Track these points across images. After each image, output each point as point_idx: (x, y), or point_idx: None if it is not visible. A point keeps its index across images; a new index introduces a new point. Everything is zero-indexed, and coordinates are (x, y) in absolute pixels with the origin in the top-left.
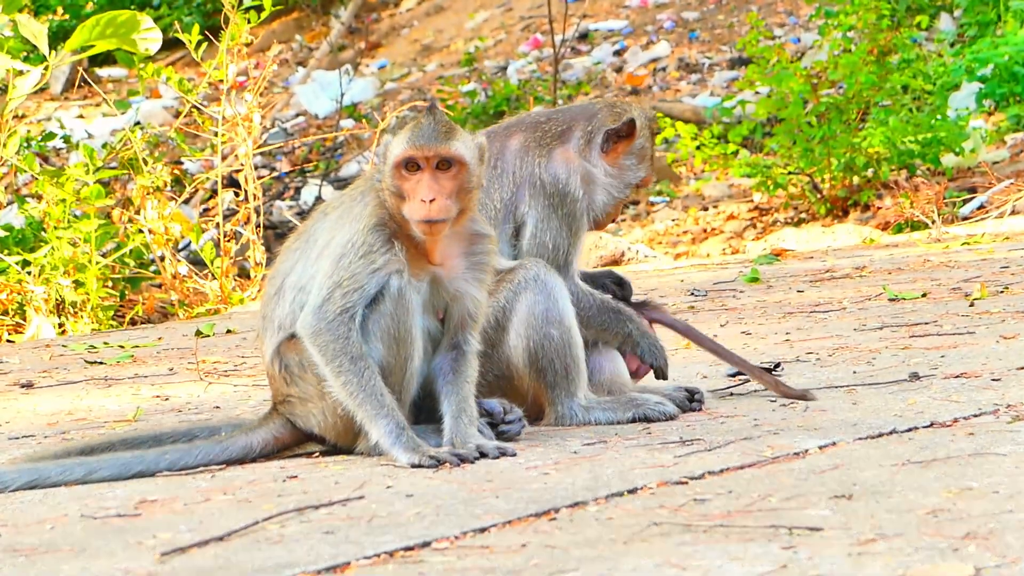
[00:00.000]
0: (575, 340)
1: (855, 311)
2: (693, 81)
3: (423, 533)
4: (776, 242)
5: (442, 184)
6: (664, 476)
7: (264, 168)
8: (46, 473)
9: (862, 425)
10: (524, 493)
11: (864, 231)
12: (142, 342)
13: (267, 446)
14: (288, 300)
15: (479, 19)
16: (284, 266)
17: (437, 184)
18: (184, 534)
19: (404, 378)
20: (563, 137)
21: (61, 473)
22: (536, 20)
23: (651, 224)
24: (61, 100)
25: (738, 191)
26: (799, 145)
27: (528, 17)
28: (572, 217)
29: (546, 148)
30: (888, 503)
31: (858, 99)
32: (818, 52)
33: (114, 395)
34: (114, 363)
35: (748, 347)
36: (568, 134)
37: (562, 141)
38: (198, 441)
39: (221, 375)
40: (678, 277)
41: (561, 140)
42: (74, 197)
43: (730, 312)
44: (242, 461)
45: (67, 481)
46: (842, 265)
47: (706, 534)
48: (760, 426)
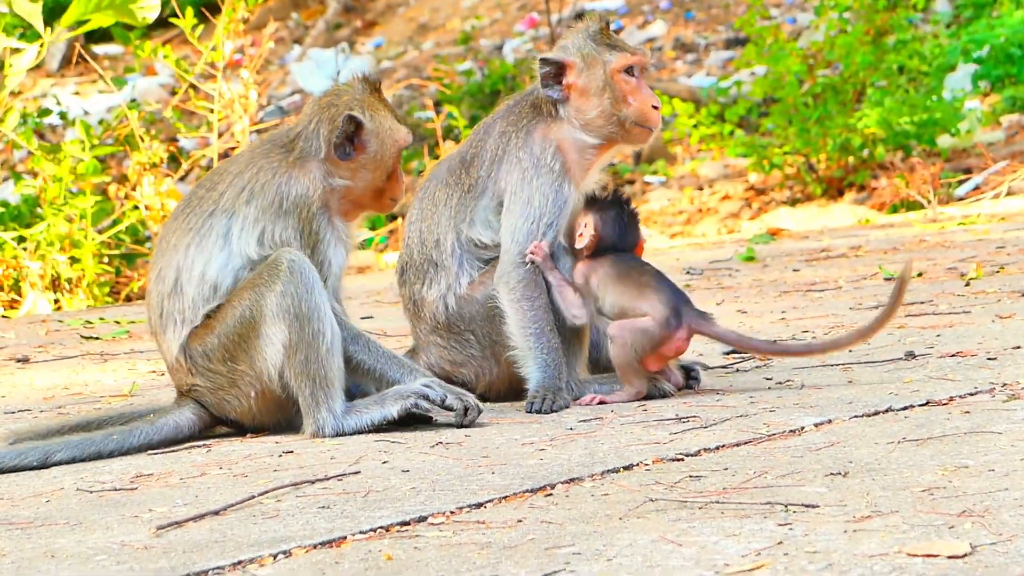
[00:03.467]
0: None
1: (851, 290)
2: (689, 61)
3: (419, 508)
4: (772, 222)
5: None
6: (660, 453)
7: None
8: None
9: (858, 403)
10: (520, 469)
11: (860, 211)
12: (138, 318)
13: (194, 427)
14: (190, 293)
15: None
16: (175, 259)
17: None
18: (180, 508)
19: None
20: (535, 111)
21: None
22: None
23: (646, 204)
24: (57, 77)
25: (734, 171)
26: (795, 125)
27: None
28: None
29: (523, 130)
30: (884, 480)
31: (854, 80)
32: (814, 32)
33: (110, 370)
34: (110, 338)
35: (744, 325)
36: (537, 107)
37: (537, 117)
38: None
39: None
40: (673, 256)
41: (535, 116)
42: (71, 173)
43: (726, 291)
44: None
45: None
46: (838, 245)
47: (702, 510)
48: (756, 404)
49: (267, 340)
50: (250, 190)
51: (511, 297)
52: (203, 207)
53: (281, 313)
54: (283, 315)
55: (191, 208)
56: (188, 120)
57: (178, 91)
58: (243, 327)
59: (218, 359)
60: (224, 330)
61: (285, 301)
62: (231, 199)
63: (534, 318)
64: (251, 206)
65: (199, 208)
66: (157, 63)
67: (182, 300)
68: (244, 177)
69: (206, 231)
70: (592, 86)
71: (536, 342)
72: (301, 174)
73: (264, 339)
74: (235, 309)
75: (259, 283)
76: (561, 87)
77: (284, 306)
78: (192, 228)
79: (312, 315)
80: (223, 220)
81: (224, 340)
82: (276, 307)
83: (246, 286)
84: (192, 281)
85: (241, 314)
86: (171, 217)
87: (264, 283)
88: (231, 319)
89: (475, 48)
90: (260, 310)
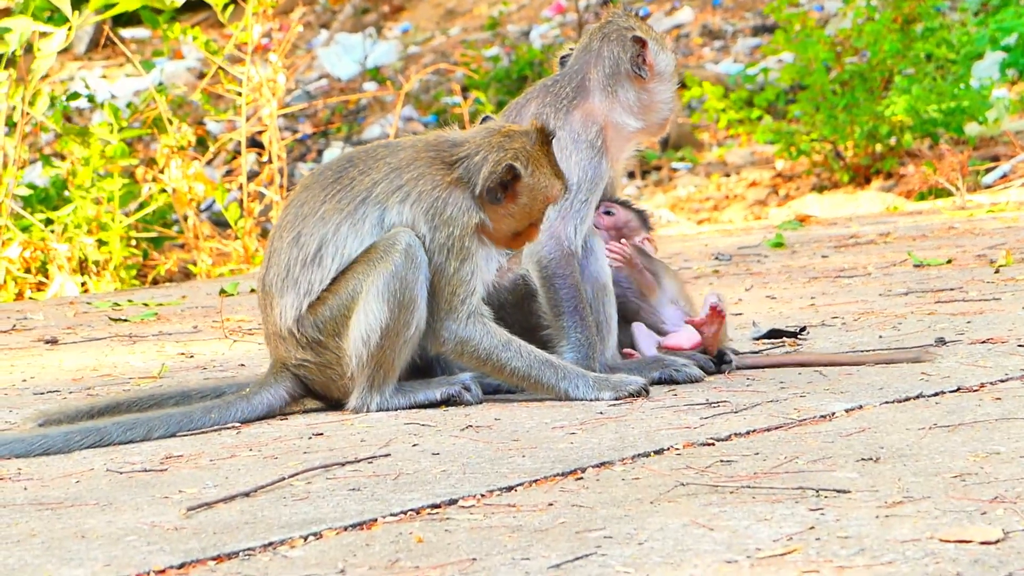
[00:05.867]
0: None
1: (880, 276)
2: (716, 48)
3: (449, 491)
4: (799, 208)
5: None
6: (690, 437)
7: (287, 130)
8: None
9: (888, 389)
10: (550, 452)
11: (888, 198)
12: (166, 300)
13: (285, 404)
14: (329, 267)
15: None
16: (323, 231)
17: None
18: (210, 489)
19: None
20: (580, 92)
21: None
22: None
23: (673, 190)
24: (85, 60)
25: (761, 158)
26: (823, 112)
27: None
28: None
29: (563, 109)
30: (915, 466)
31: (882, 67)
32: (842, 20)
33: (139, 352)
34: (138, 320)
35: (773, 311)
36: (584, 87)
37: (582, 97)
38: (228, 396)
39: (245, 333)
40: (702, 242)
41: (580, 95)
42: (99, 156)
43: (755, 276)
44: (268, 417)
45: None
46: (866, 231)
47: (733, 495)
48: (786, 389)
49: (363, 315)
50: (406, 192)
51: (543, 275)
52: (355, 190)
53: (386, 294)
54: (387, 296)
55: (341, 187)
56: (216, 103)
57: (206, 74)
58: (351, 300)
59: (328, 332)
60: (335, 302)
61: (393, 283)
62: (385, 193)
63: (567, 296)
64: (405, 206)
65: (350, 190)
66: (185, 46)
67: (319, 271)
68: (403, 176)
69: (360, 217)
70: (667, 69)
71: (569, 320)
72: (458, 196)
73: (360, 314)
74: (348, 283)
75: (373, 258)
76: (645, 66)
77: (392, 288)
78: (344, 209)
79: (410, 304)
80: (376, 210)
81: (335, 312)
82: (383, 286)
83: (360, 260)
84: (336, 256)
85: (353, 288)
86: (309, 184)
87: (378, 260)
88: (343, 292)
89: (502, 34)
90: (367, 286)
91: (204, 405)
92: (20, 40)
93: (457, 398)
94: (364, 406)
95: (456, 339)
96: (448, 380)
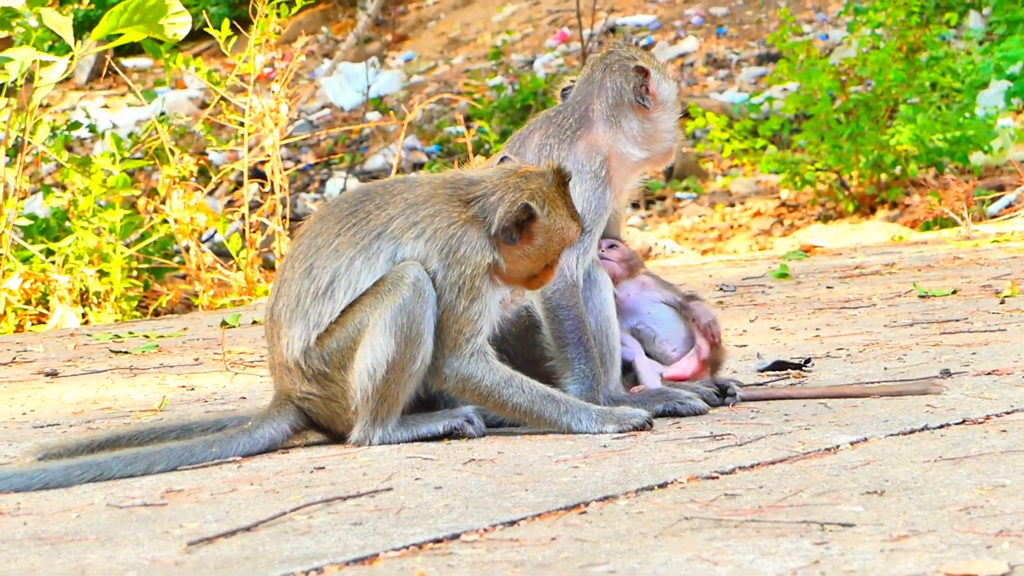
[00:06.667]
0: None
1: (885, 307)
2: (720, 77)
3: (452, 525)
4: (804, 239)
5: None
6: (694, 471)
7: (289, 160)
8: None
9: (894, 421)
10: (553, 486)
11: (893, 228)
12: (167, 332)
13: (287, 437)
14: (340, 300)
15: (506, 12)
16: (336, 264)
17: None
18: (211, 524)
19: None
20: (583, 122)
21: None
22: (563, 14)
23: (677, 220)
24: (86, 90)
25: (765, 188)
26: (827, 142)
27: (555, 11)
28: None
29: (567, 140)
30: (920, 499)
31: (886, 96)
32: (847, 49)
33: (139, 384)
34: (139, 353)
35: (778, 342)
36: (587, 117)
37: (585, 127)
38: (229, 430)
39: (247, 366)
40: (706, 272)
41: (583, 126)
42: (100, 187)
43: (759, 307)
44: (270, 451)
45: (108, 477)
46: (871, 262)
47: (737, 529)
48: (791, 421)
49: (370, 349)
50: (422, 228)
51: (547, 306)
52: (370, 225)
53: (394, 328)
54: (394, 330)
55: (356, 220)
56: (218, 133)
57: (209, 104)
58: (357, 333)
59: (335, 365)
60: (342, 334)
61: (401, 317)
62: (401, 228)
63: (571, 328)
64: (420, 242)
65: (366, 224)
66: (187, 76)
67: (330, 304)
68: (419, 213)
69: (374, 252)
70: (669, 99)
71: (573, 351)
72: (473, 235)
73: (367, 347)
74: (355, 315)
75: (381, 291)
76: (648, 96)
77: (399, 322)
78: (359, 243)
79: (417, 338)
80: (390, 245)
81: (341, 345)
82: (390, 319)
83: (368, 293)
84: (349, 291)
85: (360, 320)
86: (324, 216)
87: (386, 293)
88: (350, 324)
89: (506, 63)
90: (374, 319)
91: (205, 439)
92: (21, 69)
93: (460, 431)
94: (367, 439)
95: (458, 376)
96: (451, 413)
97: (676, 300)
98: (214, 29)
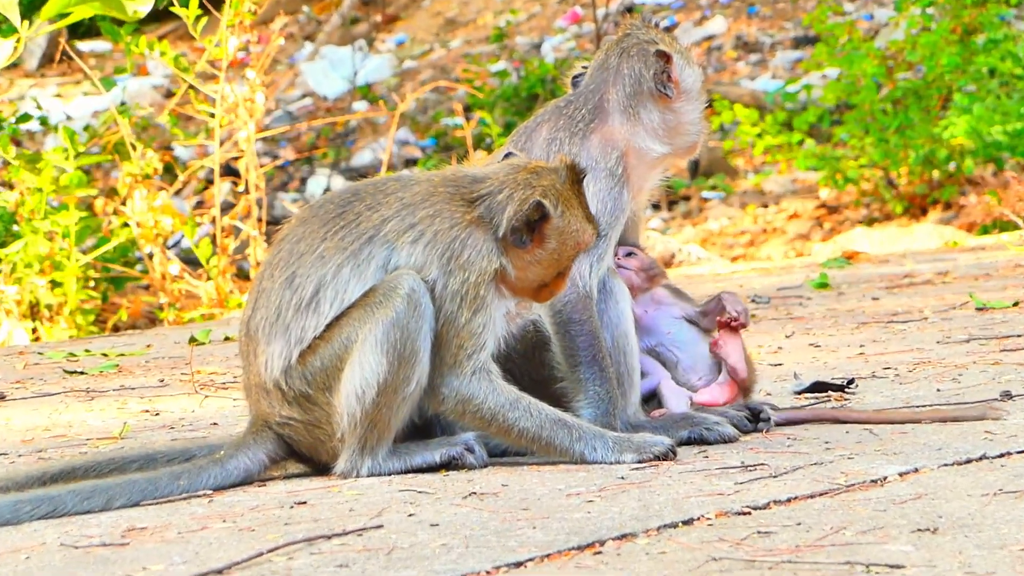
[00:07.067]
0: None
1: (938, 321)
2: (752, 62)
3: (450, 568)
4: (847, 244)
5: None
6: (723, 505)
7: (266, 156)
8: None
9: (948, 449)
10: (565, 523)
11: (946, 232)
12: (128, 350)
13: (264, 468)
14: (326, 314)
15: None
16: (321, 272)
17: None
18: (178, 566)
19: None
20: (597, 114)
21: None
22: None
23: (704, 223)
24: (37, 77)
25: (803, 187)
26: (872, 135)
27: None
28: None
29: (579, 134)
30: (978, 538)
31: (939, 84)
32: (894, 30)
33: (97, 409)
34: (97, 373)
35: (817, 361)
36: (602, 108)
37: (599, 119)
38: (199, 460)
39: (218, 387)
40: (736, 282)
41: (597, 118)
42: (52, 185)
43: (796, 321)
44: (244, 484)
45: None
46: (922, 270)
47: (772, 571)
48: (832, 450)
49: (358, 368)
50: (420, 231)
51: (557, 320)
52: (360, 227)
53: (386, 344)
54: (386, 347)
55: (345, 223)
56: (185, 126)
57: (175, 93)
58: (344, 350)
59: (319, 386)
60: (328, 352)
61: (394, 333)
62: (395, 232)
63: (584, 344)
64: (417, 246)
65: (355, 227)
66: (151, 62)
67: (315, 318)
68: (416, 214)
69: (365, 258)
70: (694, 87)
71: (587, 371)
72: (478, 238)
73: (355, 366)
74: (342, 330)
75: (372, 303)
76: (670, 83)
77: (392, 338)
78: (347, 249)
79: (412, 357)
80: (383, 251)
81: (326, 363)
82: (382, 335)
83: (358, 305)
84: (335, 302)
85: (348, 336)
86: (307, 218)
87: (377, 305)
88: (336, 340)
89: (510, 46)
90: (363, 334)
91: (171, 470)
92: None
93: (459, 461)
94: (354, 470)
95: (457, 397)
96: (449, 441)
97: (696, 313)
98: (181, 8)
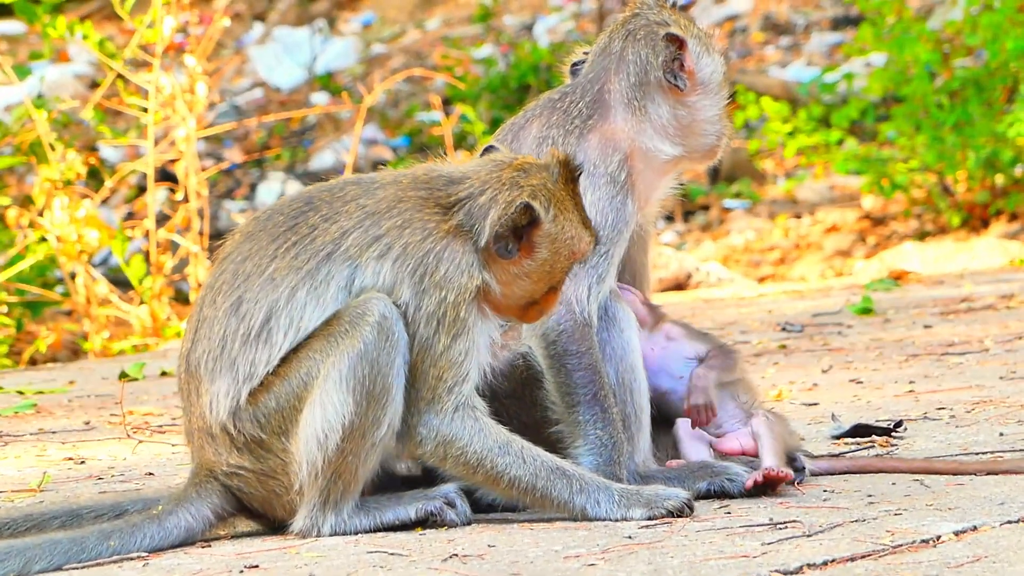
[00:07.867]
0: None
1: (1001, 353)
2: (783, 46)
3: None
4: (894, 262)
5: None
6: (748, 569)
7: (209, 158)
8: None
9: (1011, 504)
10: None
11: (1011, 248)
12: (48, 387)
13: (209, 526)
14: (279, 345)
15: None
16: (273, 296)
17: None
18: None
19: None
20: (597, 108)
21: None
22: None
23: (726, 237)
24: None
25: (842, 194)
26: (925, 133)
27: None
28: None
29: (575, 132)
30: None
31: (1003, 72)
32: (951, 9)
33: (12, 456)
34: (11, 414)
35: (859, 400)
36: (602, 101)
37: (600, 115)
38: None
39: (154, 431)
40: (764, 307)
41: (597, 113)
42: None
43: (835, 353)
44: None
45: None
46: (983, 293)
47: None
48: (876, 504)
49: (319, 409)
50: (387, 244)
51: (551, 352)
52: (316, 243)
53: (351, 381)
54: (352, 384)
55: (298, 237)
56: (113, 123)
57: (101, 83)
58: (303, 388)
59: (272, 430)
60: (283, 390)
61: (361, 367)
62: (358, 247)
63: (583, 380)
64: (385, 263)
65: (310, 242)
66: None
67: (266, 350)
68: (382, 224)
69: (323, 279)
70: (712, 77)
71: (586, 412)
72: (456, 250)
73: (315, 407)
74: (300, 364)
75: (336, 333)
76: (683, 73)
77: (359, 374)
78: (302, 268)
79: (382, 395)
80: (344, 269)
81: (282, 403)
82: (347, 370)
83: (319, 334)
84: (290, 331)
85: (308, 371)
86: (254, 233)
87: (342, 335)
88: (294, 376)
89: (497, 28)
90: (325, 369)
91: (100, 528)
92: None
93: (438, 517)
94: (315, 528)
95: (437, 438)
96: (425, 494)
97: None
98: None
